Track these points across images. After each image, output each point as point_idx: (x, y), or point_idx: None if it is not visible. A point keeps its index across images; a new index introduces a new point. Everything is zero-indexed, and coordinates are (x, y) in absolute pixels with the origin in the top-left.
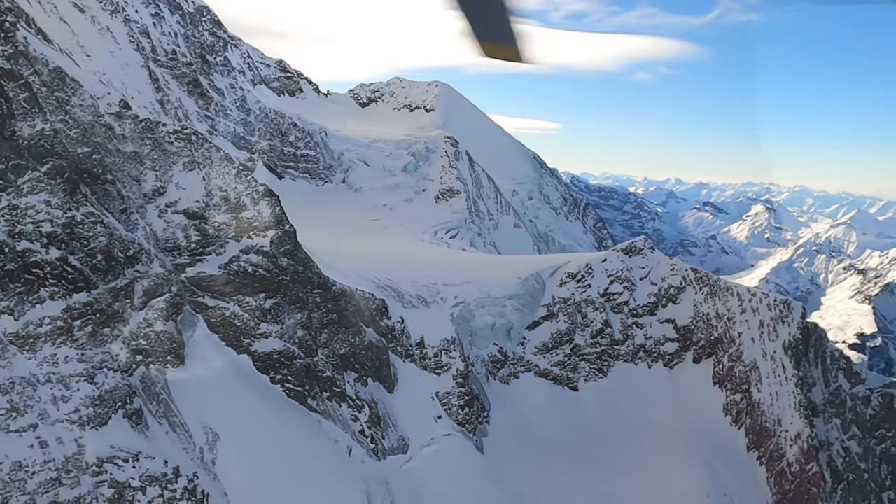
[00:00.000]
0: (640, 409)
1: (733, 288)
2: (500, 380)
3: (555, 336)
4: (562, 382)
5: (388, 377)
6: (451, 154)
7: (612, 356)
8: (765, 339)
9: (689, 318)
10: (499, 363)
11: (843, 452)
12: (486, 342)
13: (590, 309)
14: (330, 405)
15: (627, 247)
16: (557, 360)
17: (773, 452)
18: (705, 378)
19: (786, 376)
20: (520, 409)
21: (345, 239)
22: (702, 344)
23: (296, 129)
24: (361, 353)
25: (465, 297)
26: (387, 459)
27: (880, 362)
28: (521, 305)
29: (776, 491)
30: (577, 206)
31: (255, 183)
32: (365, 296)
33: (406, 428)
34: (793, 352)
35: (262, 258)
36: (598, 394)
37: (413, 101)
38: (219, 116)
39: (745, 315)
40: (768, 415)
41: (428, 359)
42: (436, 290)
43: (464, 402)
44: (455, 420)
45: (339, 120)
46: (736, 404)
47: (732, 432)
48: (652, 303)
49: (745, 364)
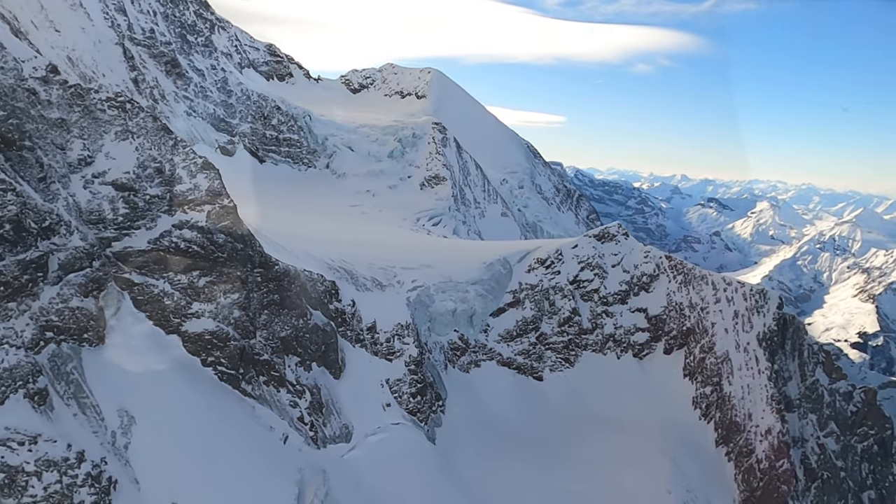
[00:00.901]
0: (607, 401)
1: (708, 277)
2: (460, 368)
3: (520, 324)
4: (526, 372)
5: (335, 362)
6: (439, 140)
7: (580, 346)
8: (738, 329)
9: (661, 308)
10: (459, 351)
11: (817, 450)
12: (445, 329)
13: (558, 296)
14: (266, 390)
15: (600, 232)
16: (522, 349)
17: (742, 448)
18: (676, 370)
19: (759, 369)
20: (479, 398)
21: (313, 222)
22: (673, 334)
23: (279, 113)
24: (305, 336)
25: (425, 282)
26: (327, 448)
27: (881, 361)
28: (485, 291)
29: (744, 488)
30: (571, 196)
31: (193, 155)
32: (312, 277)
33: (351, 415)
34: (767, 343)
35: (196, 234)
36: (564, 384)
37: (405, 88)
38: (198, 98)
39: (720, 305)
40: (739, 409)
41: (379, 344)
42: (393, 274)
43: (416, 390)
44: (405, 408)
45: (328, 106)
46: (706, 397)
47: (701, 426)
48: (623, 291)
49: (717, 356)
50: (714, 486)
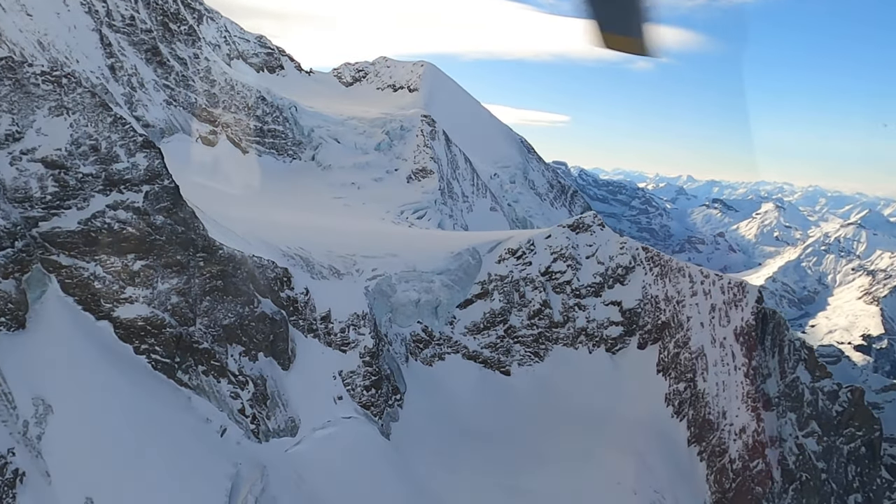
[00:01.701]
0: (577, 396)
1: (685, 269)
2: (423, 361)
3: (488, 316)
4: (492, 366)
5: (284, 352)
6: (427, 133)
7: (551, 339)
8: (715, 324)
9: (636, 301)
10: (422, 343)
11: (796, 450)
12: (408, 320)
13: (528, 288)
14: (205, 380)
15: (574, 222)
16: (489, 342)
17: (715, 447)
18: (649, 365)
19: (735, 365)
20: (441, 393)
21: (282, 212)
22: (648, 328)
23: (264, 104)
24: (251, 324)
25: (386, 270)
26: (270, 442)
27: (885, 364)
28: (451, 282)
29: (716, 489)
30: (565, 192)
31: (133, 133)
32: (262, 263)
33: (299, 408)
34: (744, 339)
35: (131, 215)
36: (532, 379)
37: (397, 81)
38: (179, 86)
39: (696, 298)
40: (712, 406)
41: (333, 334)
42: (353, 262)
43: (370, 383)
44: (358, 402)
45: (318, 98)
46: (679, 394)
47: (673, 424)
48: (597, 283)
49: (692, 351)
50: (684, 487)
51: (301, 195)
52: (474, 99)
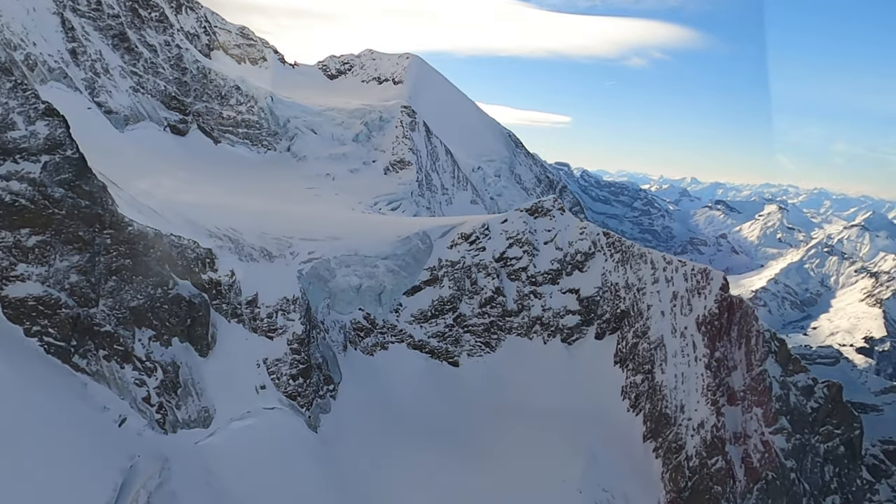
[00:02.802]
0: (529, 389)
1: (647, 255)
2: (364, 350)
3: (436, 303)
4: (440, 356)
5: (203, 338)
6: (407, 124)
7: (503, 329)
8: (676, 312)
9: (594, 289)
10: (363, 331)
11: (761, 447)
12: (348, 306)
13: (481, 274)
14: (106, 366)
15: (533, 206)
16: (437, 331)
17: (671, 443)
18: (606, 356)
19: (696, 356)
20: (382, 384)
21: (238, 198)
22: (606, 317)
23: (238, 93)
24: (163, 307)
25: (324, 254)
26: (177, 433)
27: (888, 367)
28: (397, 267)
29: (671, 488)
30: (553, 187)
31: (35, 100)
32: (181, 242)
33: (215, 398)
34: (707, 328)
35: (26, 186)
36: (483, 371)
37: (382, 74)
38: (147, 74)
39: (658, 286)
40: (670, 400)
41: (259, 320)
42: (288, 244)
43: (297, 372)
44: (284, 392)
45: (299, 91)
46: (636, 387)
47: (629, 419)
48: (555, 270)
49: (651, 341)
50: (637, 485)
51: (271, 185)
52: (461, 92)
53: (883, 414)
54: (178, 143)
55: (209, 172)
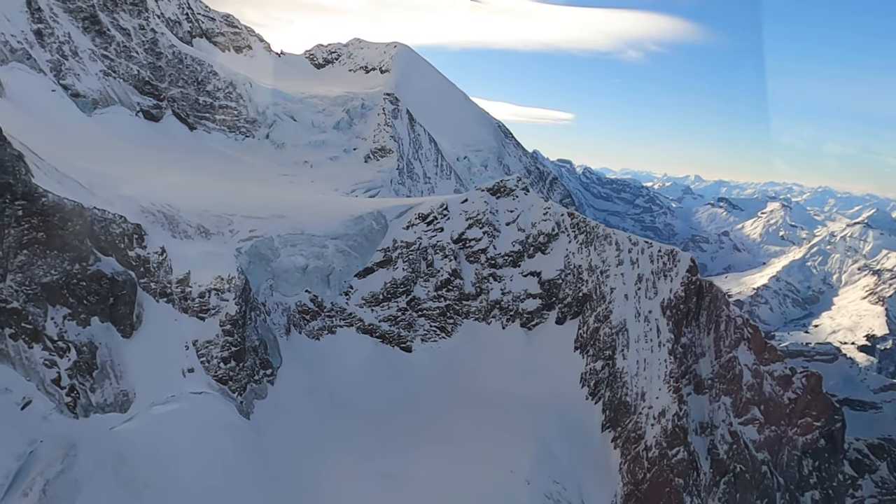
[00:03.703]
0: (485, 376)
1: (612, 236)
2: (309, 334)
3: (389, 286)
4: (391, 341)
5: (127, 318)
6: (389, 112)
7: (460, 313)
8: (641, 296)
9: (556, 272)
10: (309, 314)
11: (729, 438)
12: (294, 288)
13: (438, 256)
14: (12, 345)
15: (495, 186)
16: (389, 315)
17: (630, 433)
18: (567, 342)
19: (659, 341)
20: (327, 369)
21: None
22: (568, 301)
23: (215, 79)
24: (81, 284)
25: (267, 232)
26: (90, 418)
27: (889, 365)
28: (348, 247)
29: (628, 480)
30: (543, 179)
31: None
32: (105, 217)
33: (137, 381)
34: (672, 312)
35: None
36: (436, 356)
37: (369, 63)
38: (120, 57)
39: (622, 268)
40: (630, 387)
41: (191, 299)
42: (228, 222)
43: (229, 354)
44: (214, 375)
45: (285, 79)
46: (596, 373)
47: (587, 407)
48: (516, 252)
49: (613, 325)
50: (593, 477)
51: (245, 172)
52: (450, 82)
53: (882, 412)
54: (151, 128)
55: (181, 158)
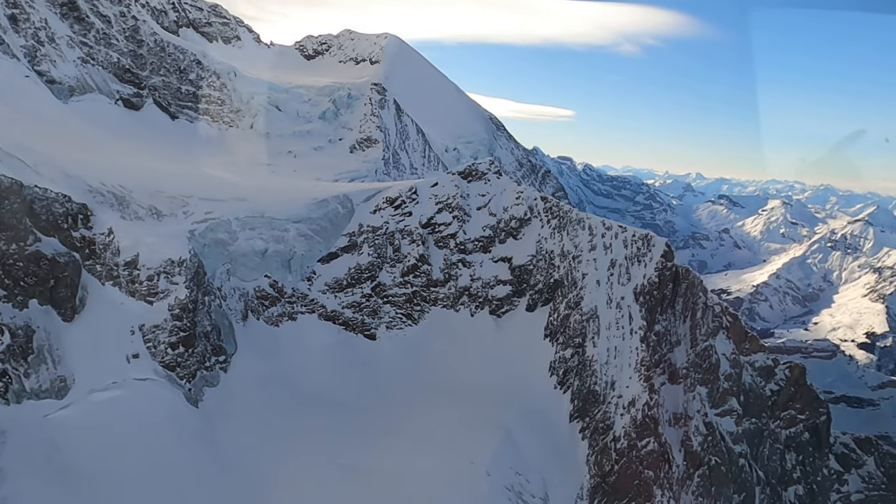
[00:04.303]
0: (451, 364)
1: (585, 221)
2: (268, 320)
3: (353, 271)
4: (355, 329)
5: (68, 300)
6: (376, 102)
7: (427, 300)
8: (613, 282)
9: (528, 257)
10: (268, 300)
11: (704, 429)
12: (252, 272)
13: (405, 241)
14: None
15: (467, 169)
16: (352, 301)
17: (599, 423)
18: (537, 330)
19: (632, 328)
20: (286, 357)
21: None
22: (539, 288)
23: (199, 68)
24: (17, 265)
25: (224, 214)
26: (22, 404)
27: (889, 363)
28: (311, 231)
29: (595, 472)
30: (535, 172)
31: None
32: (47, 195)
33: (77, 367)
34: (645, 298)
35: None
36: (402, 345)
37: (360, 54)
38: (99, 45)
39: (595, 253)
40: (600, 375)
41: (139, 282)
42: (183, 203)
43: (178, 340)
44: (161, 361)
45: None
46: (565, 362)
47: (555, 396)
48: (487, 237)
49: (584, 312)
50: (559, 469)
51: (224, 161)
52: (442, 74)
53: (880, 409)
54: (131, 117)
55: (159, 147)
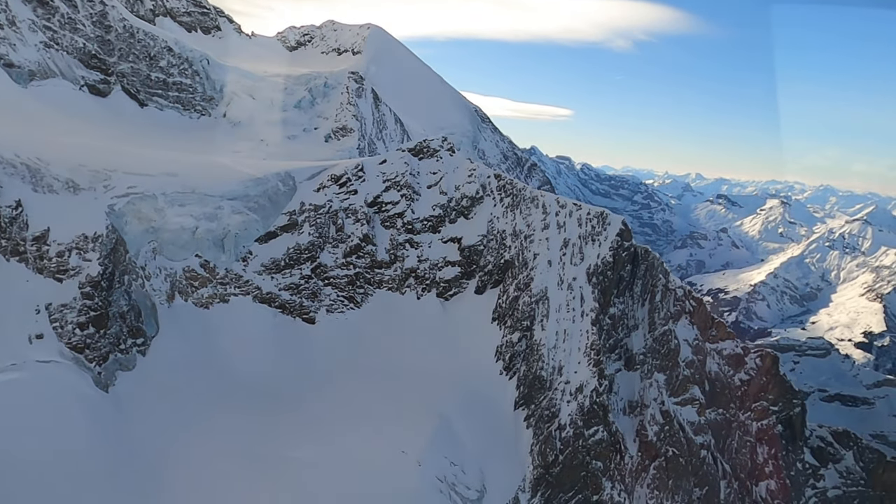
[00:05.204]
0: (394, 349)
1: (539, 199)
2: (197, 302)
3: (292, 252)
4: (292, 312)
5: None
6: (353, 91)
7: (371, 282)
8: (566, 262)
9: (479, 237)
10: (198, 280)
11: (660, 418)
12: (181, 251)
13: (350, 220)
14: None
15: (418, 146)
16: (290, 283)
17: (544, 411)
18: (485, 313)
19: (582, 310)
20: (215, 341)
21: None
22: (489, 269)
23: (170, 55)
24: None
25: (150, 189)
26: None
27: (887, 362)
28: (248, 209)
29: (539, 462)
30: (520, 164)
31: None
32: None
33: None
34: (599, 279)
35: None
36: (342, 328)
37: (342, 45)
38: (64, 29)
39: (548, 232)
40: (547, 360)
41: (48, 258)
42: (105, 177)
43: (87, 320)
44: (68, 343)
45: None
46: (512, 346)
47: (501, 383)
48: (437, 216)
49: (533, 294)
50: (500, 459)
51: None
52: (426, 65)
53: (874, 407)
54: (97, 103)
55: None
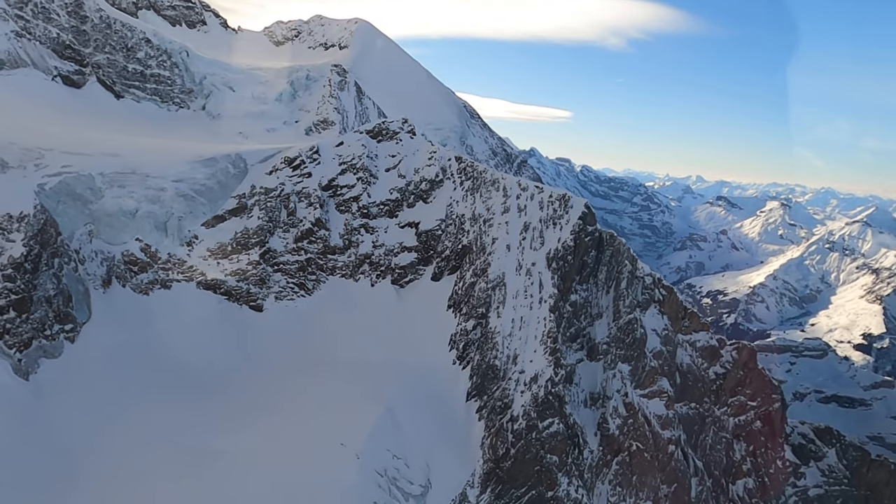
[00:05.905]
0: (344, 338)
1: (500, 181)
2: (135, 288)
3: (239, 236)
4: (238, 299)
5: None
6: (335, 84)
7: (324, 268)
8: (525, 246)
9: (437, 221)
10: (138, 265)
11: (624, 411)
12: (120, 234)
13: (302, 204)
14: None
15: (376, 128)
16: (237, 269)
17: (496, 402)
18: (441, 300)
19: (541, 297)
20: (152, 328)
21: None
22: (446, 255)
23: (147, 46)
24: None
25: (85, 168)
26: None
27: (886, 364)
28: (193, 192)
29: (489, 456)
30: (510, 161)
31: None
32: None
33: None
34: (559, 264)
35: None
36: (291, 316)
37: (329, 40)
38: (37, 19)
39: (508, 216)
40: (502, 349)
41: None
42: (37, 155)
43: (7, 303)
44: None
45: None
46: (466, 334)
47: (454, 372)
48: (394, 200)
49: (490, 280)
50: (448, 452)
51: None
52: (414, 60)
53: (871, 409)
54: (70, 94)
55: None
